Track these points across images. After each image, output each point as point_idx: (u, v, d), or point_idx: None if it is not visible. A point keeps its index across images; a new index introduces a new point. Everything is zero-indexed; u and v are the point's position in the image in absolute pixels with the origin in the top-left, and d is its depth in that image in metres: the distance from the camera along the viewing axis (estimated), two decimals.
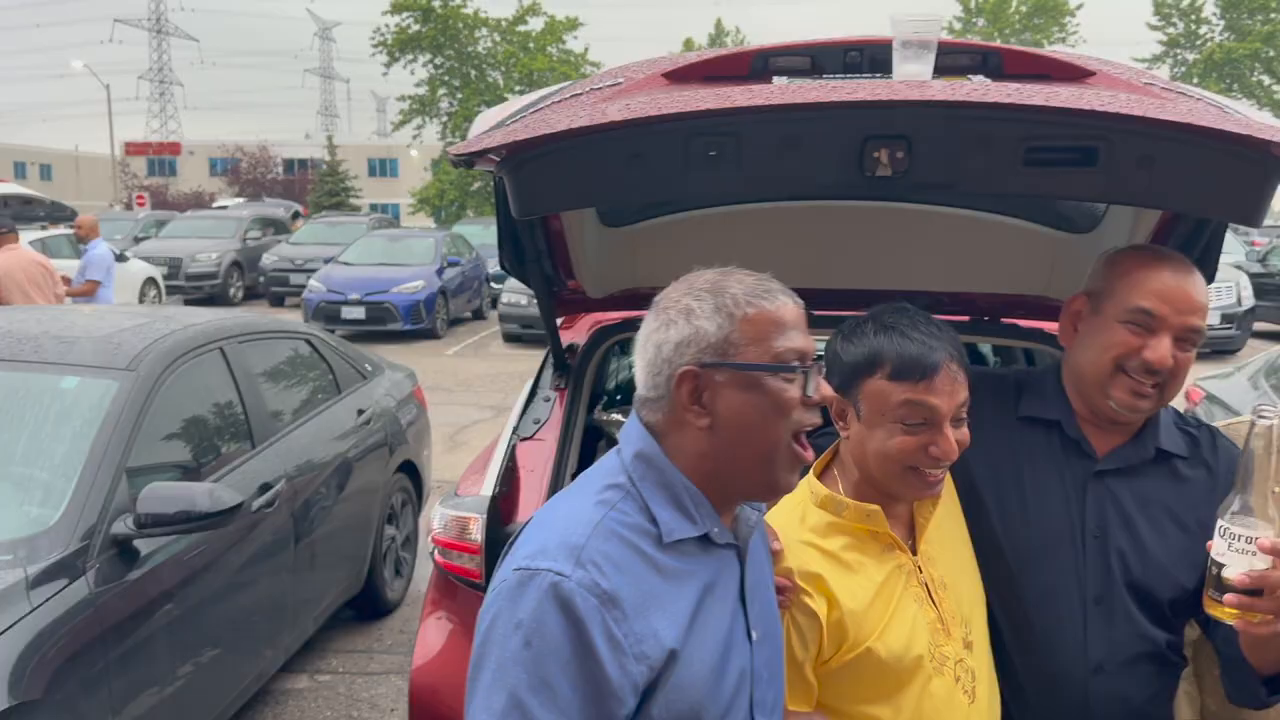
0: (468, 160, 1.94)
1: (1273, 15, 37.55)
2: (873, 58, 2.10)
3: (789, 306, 1.45)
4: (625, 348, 3.53)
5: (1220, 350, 13.74)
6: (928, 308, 3.20)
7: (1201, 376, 6.89)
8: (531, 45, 37.83)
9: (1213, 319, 14.04)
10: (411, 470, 5.94)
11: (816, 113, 1.79)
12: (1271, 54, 37.58)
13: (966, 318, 3.22)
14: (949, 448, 1.67)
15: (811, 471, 1.85)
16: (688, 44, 44.68)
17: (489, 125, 2.07)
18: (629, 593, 1.32)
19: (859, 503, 1.75)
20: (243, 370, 4.49)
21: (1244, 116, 1.91)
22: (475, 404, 11.32)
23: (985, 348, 4.38)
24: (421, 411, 6.24)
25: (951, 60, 2.13)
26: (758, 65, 2.18)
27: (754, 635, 1.49)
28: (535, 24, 37.87)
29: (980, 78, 2.06)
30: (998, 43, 2.18)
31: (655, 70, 2.20)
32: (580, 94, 2.14)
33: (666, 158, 1.87)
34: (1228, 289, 14.52)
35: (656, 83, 2.15)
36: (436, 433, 8.79)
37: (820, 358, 1.50)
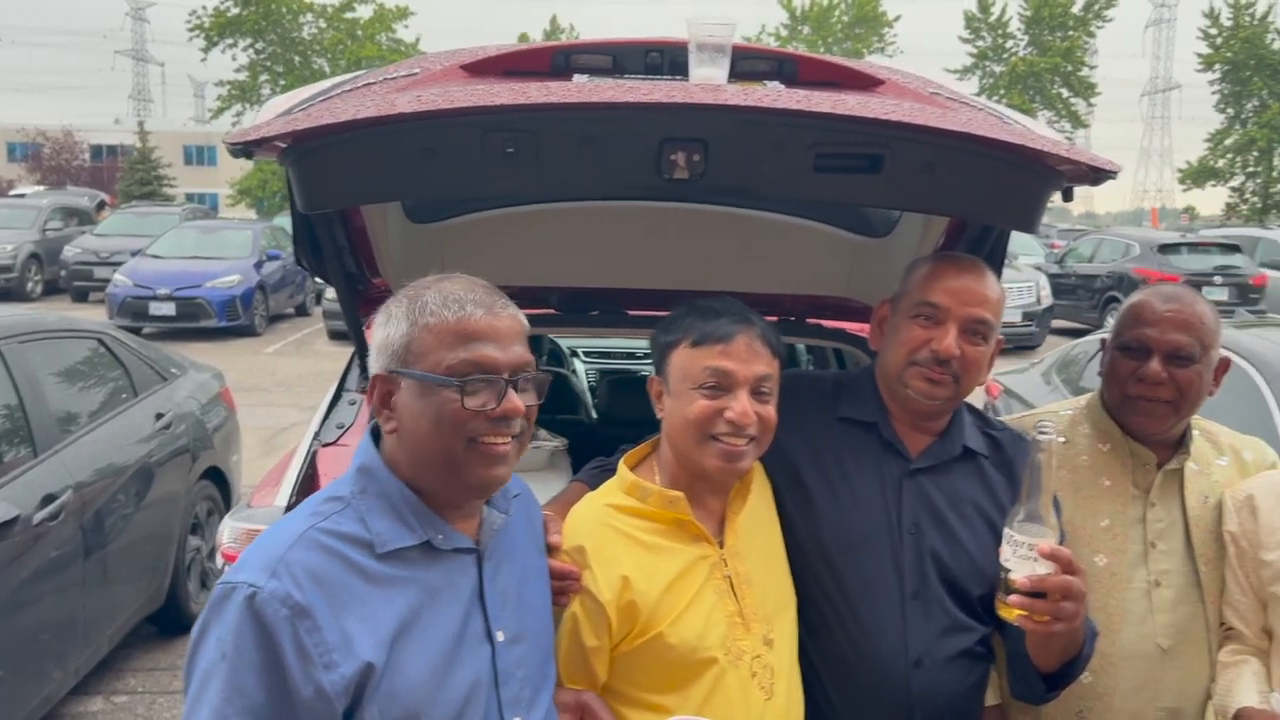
0: (245, 150, 1.83)
1: (1071, 32, 40.40)
2: (673, 60, 2.10)
3: (476, 318, 1.46)
4: None
5: (1022, 346, 14.65)
6: None
7: (1000, 372, 7.32)
8: (360, 33, 36.72)
9: (1014, 316, 15.01)
10: (219, 477, 5.64)
11: (612, 113, 1.77)
12: (1069, 68, 40.41)
13: (775, 318, 3.30)
14: (743, 410, 1.71)
15: (625, 460, 1.86)
16: (523, 38, 44.36)
17: (276, 113, 1.96)
18: (326, 603, 1.34)
19: (663, 489, 1.77)
20: (24, 373, 4.16)
21: (1022, 128, 2.01)
22: (295, 405, 10.87)
23: (799, 348, 4.50)
24: (230, 414, 5.94)
25: (750, 65, 2.16)
26: (559, 62, 2.15)
27: (500, 637, 1.50)
28: (364, 11, 36.80)
29: (775, 84, 2.09)
30: (794, 49, 2.22)
31: (454, 62, 2.13)
32: (373, 84, 2.05)
33: (461, 153, 1.81)
34: (1028, 289, 15.50)
35: (454, 75, 2.09)
36: (252, 436, 8.40)
37: (524, 372, 1.50)
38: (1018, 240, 22.79)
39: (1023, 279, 15.63)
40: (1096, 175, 1.91)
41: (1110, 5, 40.34)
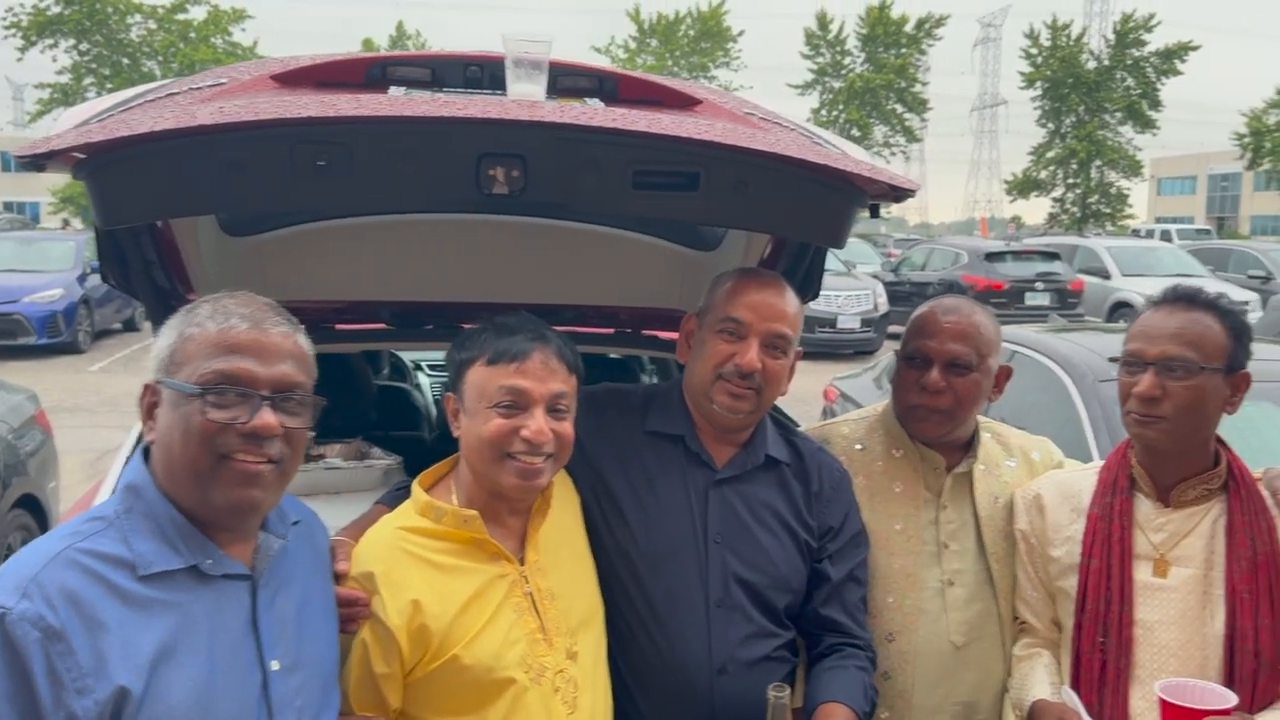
0: (36, 163, 1.72)
1: (904, 50, 42.28)
2: (493, 74, 2.10)
3: (238, 331, 1.45)
4: None
5: (861, 351, 15.22)
6: (573, 321, 3.28)
7: (838, 376, 7.58)
8: (193, 35, 35.14)
9: (853, 323, 15.60)
10: (34, 505, 5.27)
11: (427, 127, 1.75)
12: (903, 84, 42.28)
13: (611, 330, 3.33)
14: (539, 428, 1.72)
15: (419, 480, 1.84)
16: (367, 44, 43.35)
17: (73, 123, 1.86)
18: (81, 626, 1.31)
19: (457, 509, 1.75)
20: None
21: (833, 149, 2.09)
22: (121, 426, 10.25)
23: (645, 360, 4.54)
24: (46, 438, 5.57)
25: (571, 82, 2.17)
26: (375, 73, 2.11)
27: (274, 665, 1.47)
28: (197, 13, 35.25)
29: (595, 101, 2.11)
30: (613, 67, 2.25)
31: (264, 72, 2.07)
32: (177, 94, 1.97)
33: (269, 166, 1.76)
34: (865, 296, 16.09)
35: (264, 85, 2.03)
36: (75, 459, 7.91)
37: (288, 391, 1.49)
38: (856, 250, 23.74)
39: (860, 286, 16.23)
40: (897, 193, 2.00)
41: (940, 24, 42.43)
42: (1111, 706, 1.91)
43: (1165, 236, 28.54)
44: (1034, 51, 41.23)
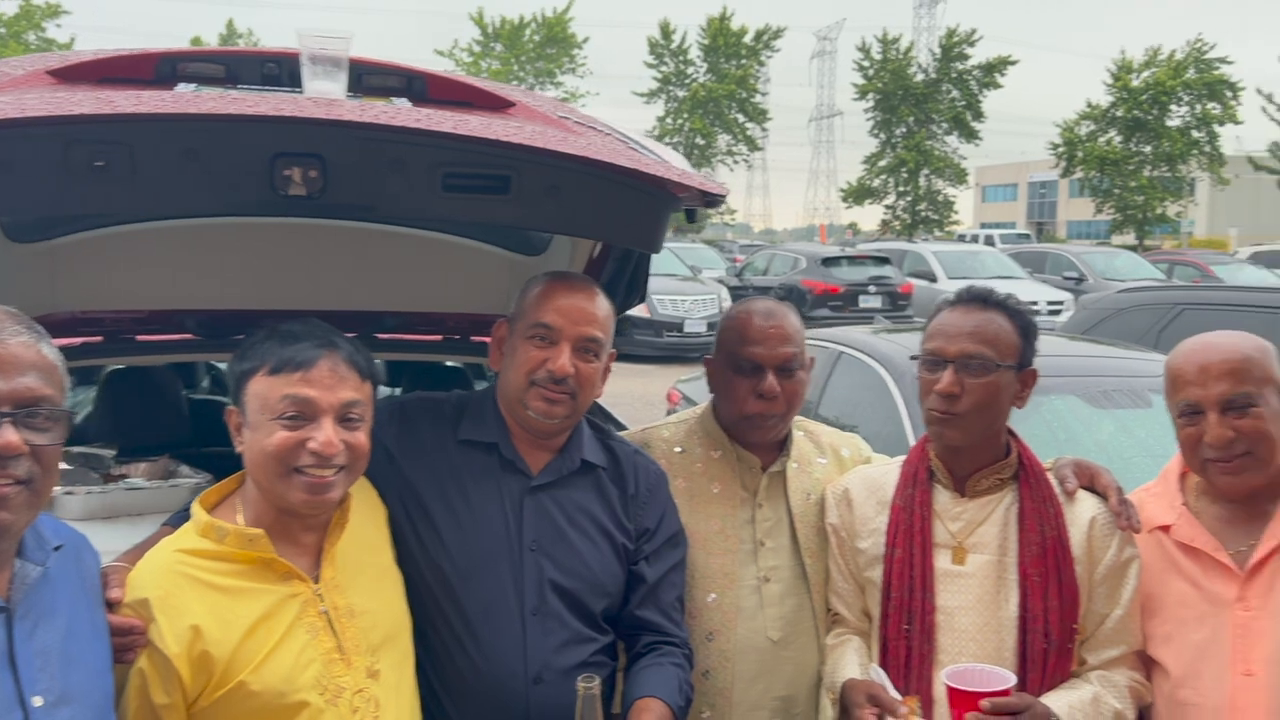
0: None
1: (744, 61, 43.36)
2: (293, 71, 2.02)
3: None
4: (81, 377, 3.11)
5: (708, 354, 15.41)
6: (398, 327, 3.20)
7: (680, 379, 7.68)
8: (3, 30, 32.85)
9: (699, 327, 15.86)
10: None
11: (213, 125, 1.67)
12: (744, 95, 43.34)
13: (439, 336, 3.27)
14: (328, 439, 1.65)
15: (200, 499, 1.75)
16: (195, 42, 41.47)
17: None
18: None
19: (241, 528, 1.67)
20: None
21: (648, 154, 2.10)
22: None
23: (483, 368, 4.48)
24: None
25: (379, 81, 2.12)
26: (164, 70, 2.01)
27: (37, 702, 1.37)
28: (8, 7, 32.97)
29: (403, 101, 2.06)
30: (422, 68, 2.20)
31: (40, 67, 1.94)
32: None
33: (41, 166, 1.64)
34: (710, 300, 16.38)
35: (39, 81, 1.89)
36: None
37: (29, 406, 1.39)
38: (703, 255, 24.22)
39: (706, 291, 16.54)
40: (708, 198, 2.03)
41: (777, 37, 43.72)
42: (917, 690, 1.98)
43: (989, 241, 30.17)
44: (866, 64, 42.96)
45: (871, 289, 17.36)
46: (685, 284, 16.76)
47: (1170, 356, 2.03)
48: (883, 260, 18.68)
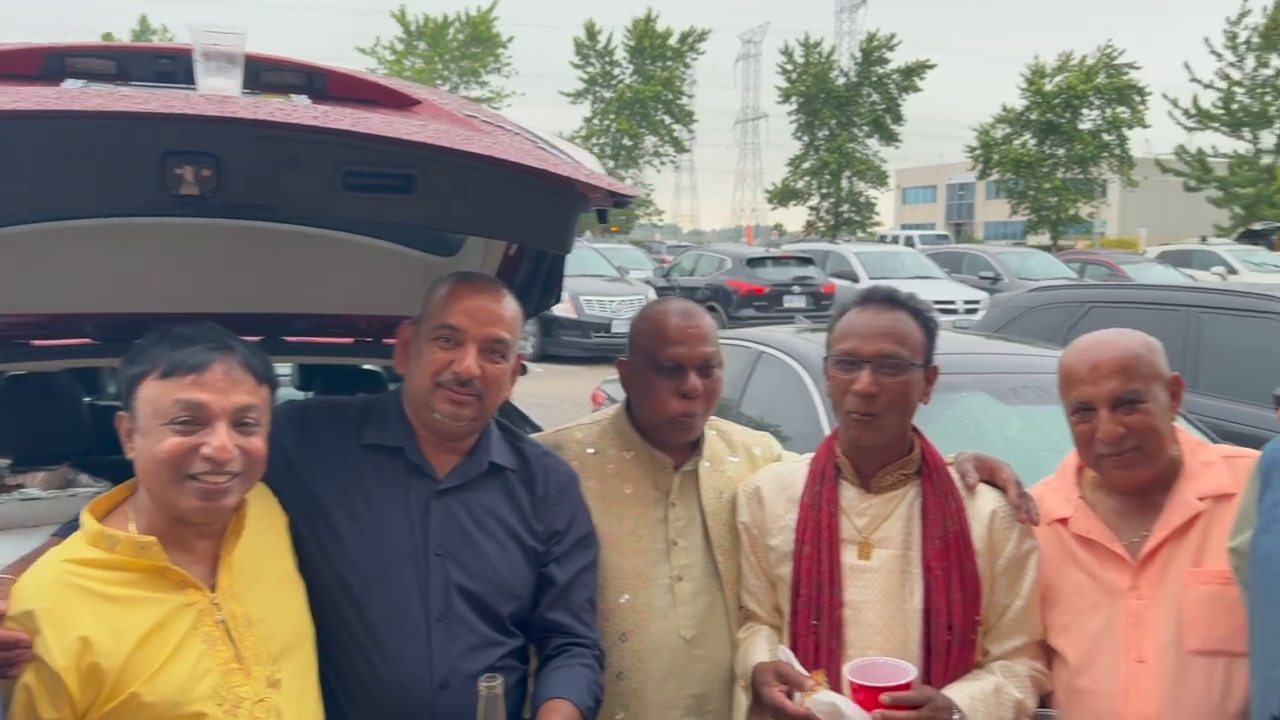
0: None
1: (669, 63, 43.59)
2: (187, 68, 1.96)
3: None
4: None
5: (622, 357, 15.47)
6: (308, 330, 3.13)
7: (605, 380, 7.67)
8: None
9: (626, 328, 15.81)
10: None
11: (99, 122, 1.62)
12: (670, 96, 43.57)
13: (351, 339, 3.21)
14: (221, 444, 1.62)
15: (90, 507, 1.70)
16: (106, 38, 40.25)
17: None
18: None
19: (133, 536, 1.63)
20: None
21: (558, 154, 2.09)
22: None
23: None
24: None
25: (277, 77, 2.07)
26: (51, 65, 1.94)
27: None
28: None
29: (302, 98, 2.02)
30: (324, 64, 2.16)
31: None
32: None
33: None
34: (637, 301, 16.39)
35: None
36: None
37: None
38: (630, 256, 24.26)
39: (634, 292, 16.57)
40: (618, 199, 2.03)
41: (702, 39, 44.02)
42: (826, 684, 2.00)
43: (909, 242, 30.73)
44: (789, 68, 43.51)
45: (796, 289, 17.57)
46: (612, 285, 16.76)
47: (1063, 355, 2.09)
48: (806, 261, 18.94)
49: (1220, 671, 1.90)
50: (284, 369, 4.29)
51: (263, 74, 1.99)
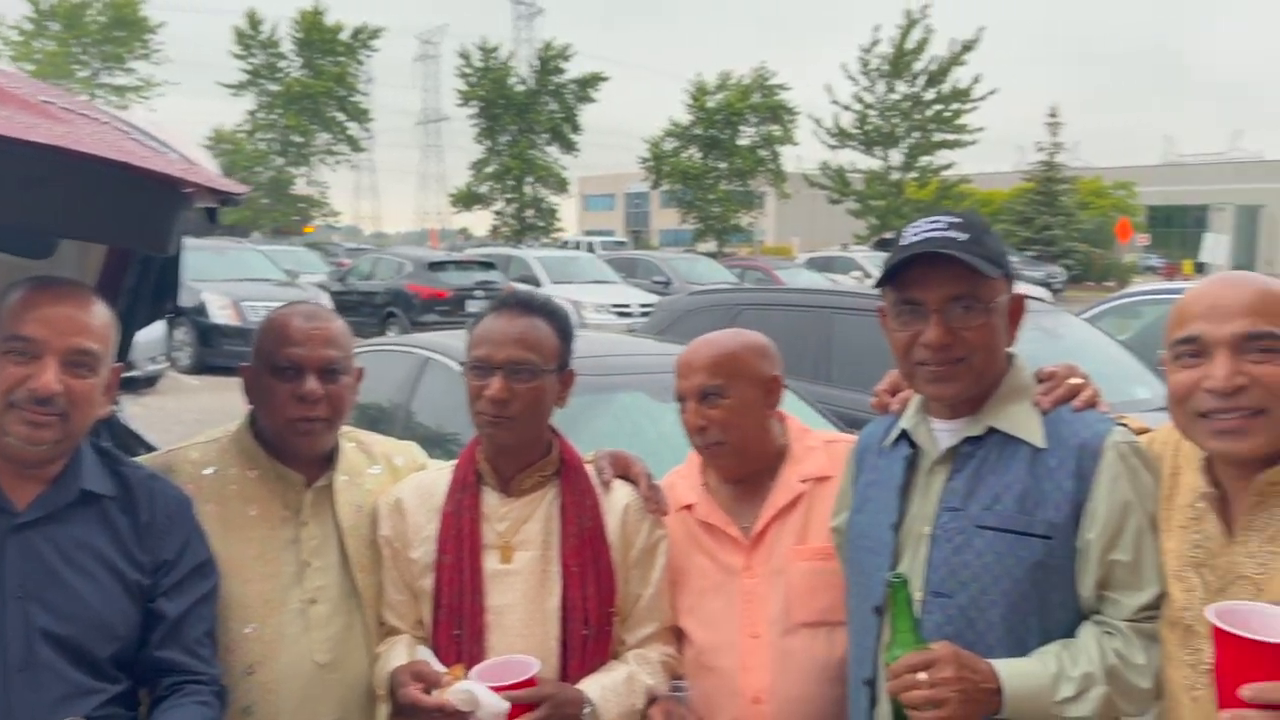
0: None
1: (341, 58, 42.06)
2: None
3: None
4: None
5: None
6: None
7: None
8: None
9: None
10: None
11: None
12: (344, 93, 42.06)
13: None
14: None
15: None
16: None
17: None
18: None
19: None
20: None
21: (150, 147, 1.90)
22: None
23: None
24: None
25: None
26: None
27: None
28: None
29: None
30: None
31: None
32: None
33: None
34: None
35: None
36: None
37: None
38: (301, 258, 23.14)
39: (305, 296, 15.73)
40: (222, 197, 1.89)
41: (375, 36, 42.92)
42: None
43: (589, 248, 31.73)
44: (469, 71, 43.39)
45: (478, 293, 17.52)
46: (281, 289, 15.89)
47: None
48: (489, 265, 18.97)
49: (823, 641, 2.07)
50: None
51: None
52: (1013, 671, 1.66)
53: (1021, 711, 1.66)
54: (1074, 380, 1.86)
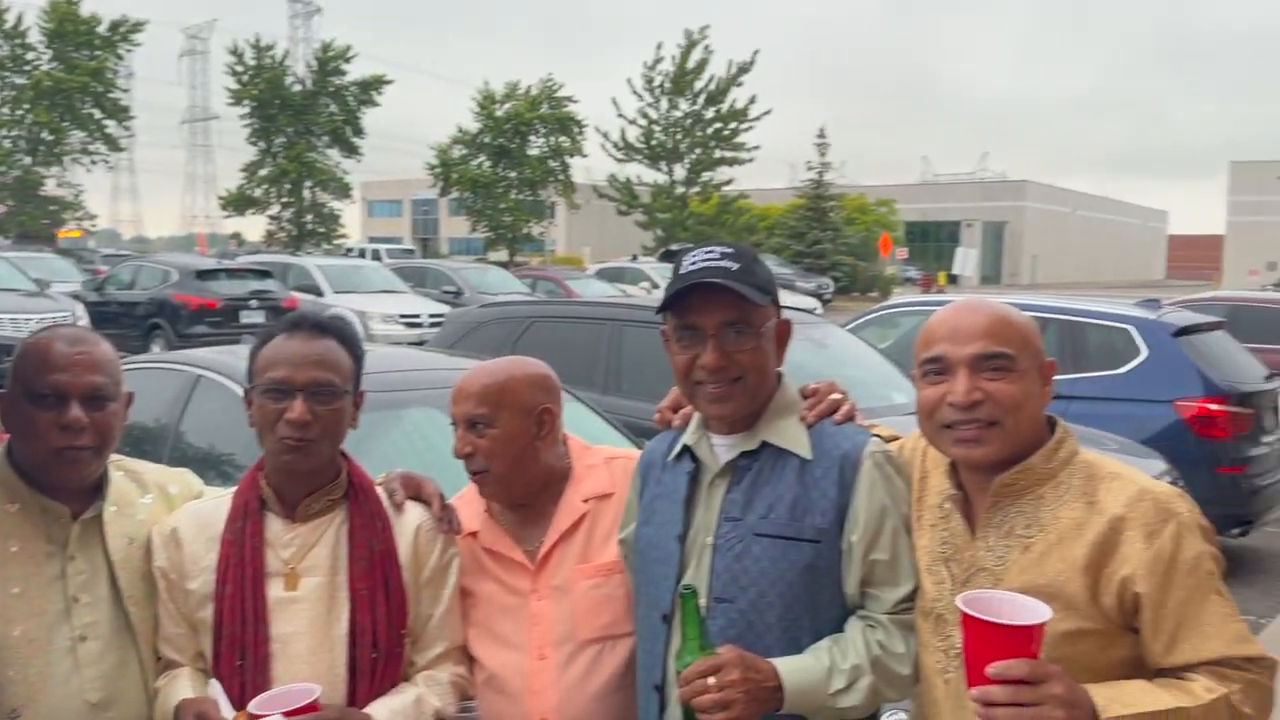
0: None
1: (98, 52, 39.04)
2: None
3: None
4: None
5: None
6: None
7: None
8: None
9: None
10: None
11: None
12: (101, 89, 39.04)
13: None
14: None
15: None
16: None
17: None
18: None
19: None
20: None
21: None
22: None
23: None
24: None
25: None
26: None
27: None
28: None
29: None
30: None
31: None
32: None
33: None
34: (64, 318, 14.48)
35: None
36: None
37: None
38: (53, 266, 21.32)
39: (57, 308, 14.66)
40: None
41: (137, 30, 40.12)
42: None
43: (375, 256, 30.78)
44: (240, 69, 41.31)
45: (254, 304, 16.68)
46: (30, 300, 14.63)
47: None
48: (265, 274, 18.05)
49: (607, 654, 2.13)
50: None
51: None
52: (791, 669, 1.80)
53: (800, 705, 1.80)
54: (834, 396, 2.02)
